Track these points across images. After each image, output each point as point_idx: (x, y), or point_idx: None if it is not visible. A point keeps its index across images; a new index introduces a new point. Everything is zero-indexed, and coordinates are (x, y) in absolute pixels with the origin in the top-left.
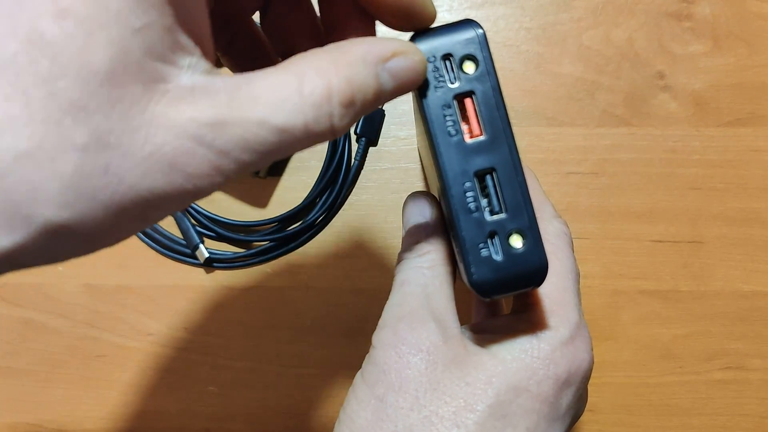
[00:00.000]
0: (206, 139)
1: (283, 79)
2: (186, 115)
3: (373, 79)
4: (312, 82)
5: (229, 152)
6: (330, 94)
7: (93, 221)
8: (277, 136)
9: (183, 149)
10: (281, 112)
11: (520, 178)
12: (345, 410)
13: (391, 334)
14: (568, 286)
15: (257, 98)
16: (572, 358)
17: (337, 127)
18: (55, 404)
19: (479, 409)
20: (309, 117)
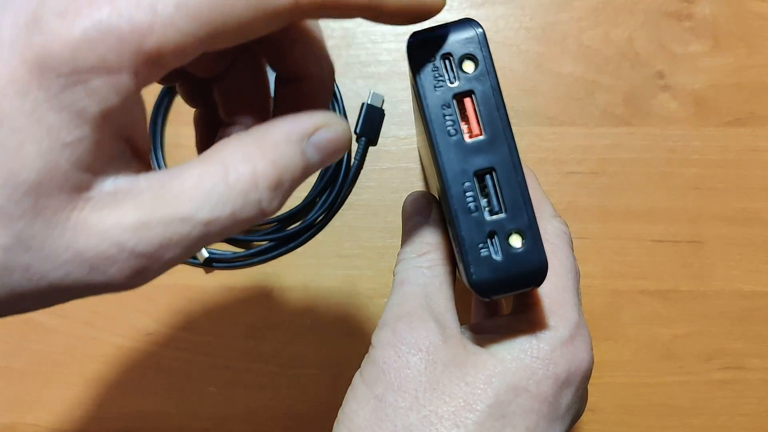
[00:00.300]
0: (128, 245)
1: (208, 170)
2: (108, 221)
3: (298, 157)
4: (237, 170)
5: (152, 254)
6: (256, 180)
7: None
8: (203, 229)
9: (104, 255)
10: (207, 205)
11: (519, 178)
12: (344, 410)
13: (391, 333)
14: (568, 285)
15: (181, 194)
16: (572, 358)
17: (267, 210)
18: (55, 404)
19: (479, 409)
20: (236, 205)
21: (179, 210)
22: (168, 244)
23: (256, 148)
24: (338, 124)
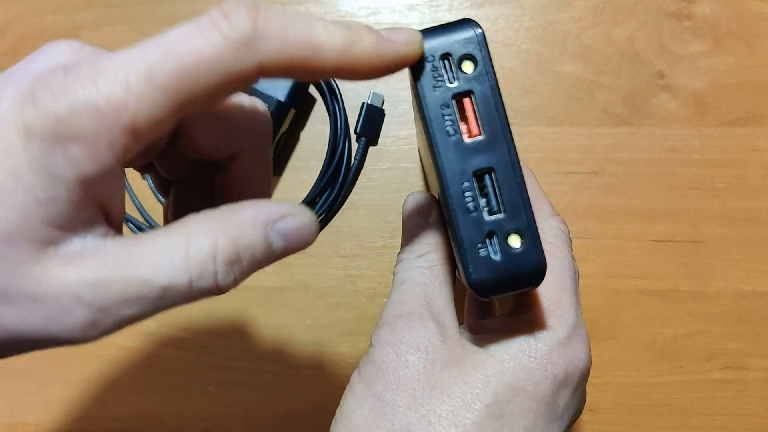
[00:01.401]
0: (85, 298)
1: (171, 240)
2: (70, 276)
3: (261, 240)
4: (198, 242)
5: (108, 309)
6: (214, 254)
7: None
8: (160, 293)
9: (61, 305)
10: (165, 271)
11: (518, 178)
12: (342, 408)
13: (390, 332)
14: (566, 285)
15: (142, 258)
16: (569, 358)
17: (222, 284)
18: (55, 404)
19: (477, 409)
20: (193, 274)
21: (139, 272)
22: (124, 302)
23: (219, 225)
24: (305, 215)
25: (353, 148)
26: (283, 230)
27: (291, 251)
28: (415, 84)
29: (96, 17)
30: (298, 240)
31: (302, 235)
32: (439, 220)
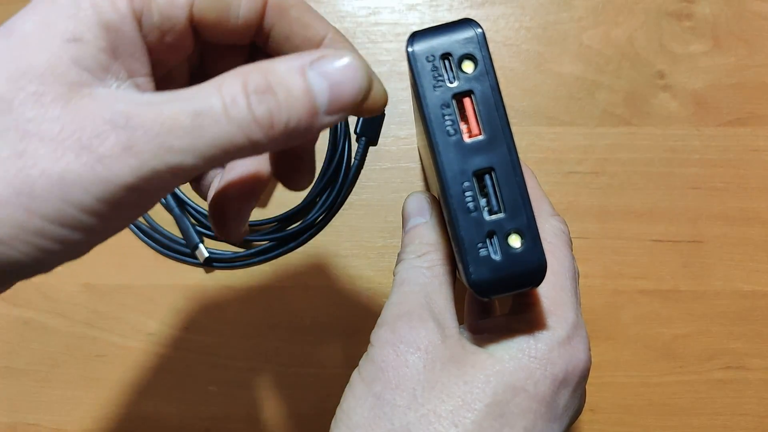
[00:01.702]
0: (119, 122)
1: (203, 85)
2: (103, 106)
3: (298, 79)
4: (228, 79)
5: (141, 135)
6: (245, 83)
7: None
8: (193, 119)
9: (96, 132)
10: (197, 99)
11: (518, 178)
12: (341, 407)
13: (390, 332)
14: (566, 285)
15: (175, 95)
16: (569, 358)
17: (257, 114)
18: (54, 404)
19: (477, 408)
20: (226, 100)
21: (170, 103)
22: (158, 130)
23: (251, 67)
24: (350, 54)
25: (353, 148)
26: (323, 69)
27: (341, 98)
28: (415, 83)
29: None
30: (344, 80)
31: (348, 75)
32: (439, 220)
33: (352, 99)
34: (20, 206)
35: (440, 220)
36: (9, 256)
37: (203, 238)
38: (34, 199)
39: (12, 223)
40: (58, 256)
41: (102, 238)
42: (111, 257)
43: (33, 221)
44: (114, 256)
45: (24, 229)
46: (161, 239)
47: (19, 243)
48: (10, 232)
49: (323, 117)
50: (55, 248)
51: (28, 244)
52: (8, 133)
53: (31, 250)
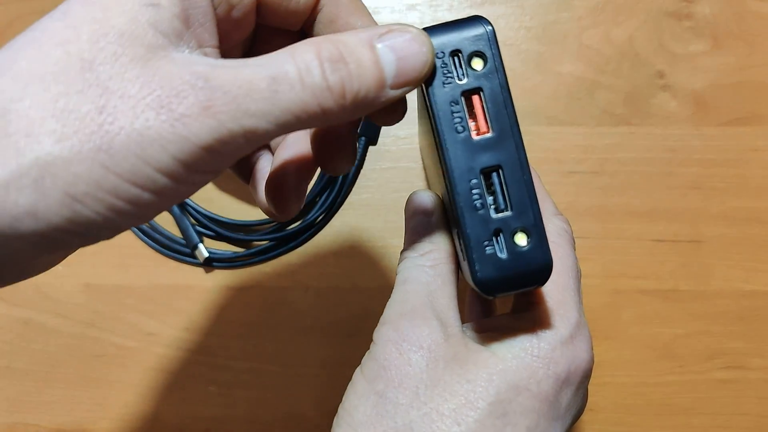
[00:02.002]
0: (198, 84)
1: (275, 53)
2: (182, 67)
3: (367, 50)
4: (301, 48)
5: (220, 96)
6: (319, 52)
7: (81, 163)
8: (269, 82)
9: (175, 91)
10: (272, 65)
11: (526, 177)
12: (344, 405)
13: (393, 330)
14: (569, 284)
15: (249, 61)
16: (572, 358)
17: (331, 83)
18: (54, 404)
19: (480, 407)
20: (301, 66)
21: (245, 67)
22: (237, 92)
23: (322, 38)
24: (415, 29)
25: None
26: (391, 42)
27: (407, 71)
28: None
29: None
30: (411, 53)
31: (414, 49)
32: (443, 218)
33: (417, 72)
34: (98, 162)
35: (443, 218)
36: (81, 215)
37: (203, 237)
38: (112, 156)
39: (88, 180)
40: (127, 218)
41: (167, 205)
42: (111, 257)
43: (109, 179)
44: (114, 256)
45: (100, 187)
46: (161, 239)
47: (93, 201)
48: (86, 189)
49: (389, 90)
50: (126, 209)
51: (101, 202)
52: (89, 89)
53: (103, 209)
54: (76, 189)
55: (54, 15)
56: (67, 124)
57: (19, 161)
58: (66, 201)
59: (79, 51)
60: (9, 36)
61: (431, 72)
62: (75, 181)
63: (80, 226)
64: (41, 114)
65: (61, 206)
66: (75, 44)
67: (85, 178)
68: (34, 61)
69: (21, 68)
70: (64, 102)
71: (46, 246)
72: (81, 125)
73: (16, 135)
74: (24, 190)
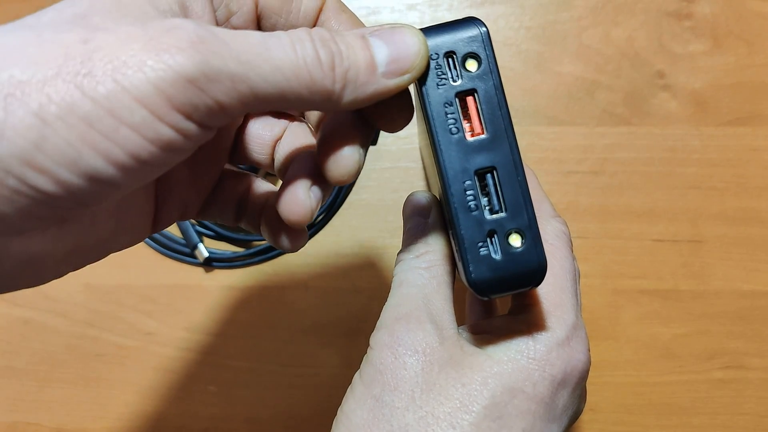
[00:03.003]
0: (190, 26)
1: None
2: (174, 19)
3: (358, 39)
4: (293, 31)
5: (211, 38)
6: (310, 32)
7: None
8: (261, 38)
9: (165, 29)
10: (266, 33)
11: (520, 178)
12: (342, 409)
13: (388, 335)
14: (566, 286)
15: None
16: (568, 359)
17: (322, 55)
18: (54, 403)
19: (475, 410)
20: (293, 37)
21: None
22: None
23: (314, 29)
24: (407, 26)
25: None
26: (382, 34)
27: (399, 57)
28: (417, 81)
29: None
30: (402, 42)
31: (406, 39)
32: (440, 220)
33: (410, 61)
34: (74, 84)
35: (440, 220)
36: (50, 141)
37: (203, 237)
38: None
39: (60, 102)
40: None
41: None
42: (111, 257)
43: (84, 104)
44: (114, 256)
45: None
46: (161, 239)
47: (64, 127)
48: (57, 112)
49: (381, 78)
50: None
51: (73, 129)
52: (77, 28)
53: (75, 138)
54: (47, 110)
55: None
56: (49, 50)
57: (19, 111)
58: (35, 123)
59: (74, 9)
60: None
61: (426, 65)
62: (47, 102)
63: (49, 157)
64: (23, 43)
65: (28, 128)
66: (70, 6)
67: (57, 100)
68: (29, 20)
69: (14, 25)
70: (49, 35)
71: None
72: (63, 51)
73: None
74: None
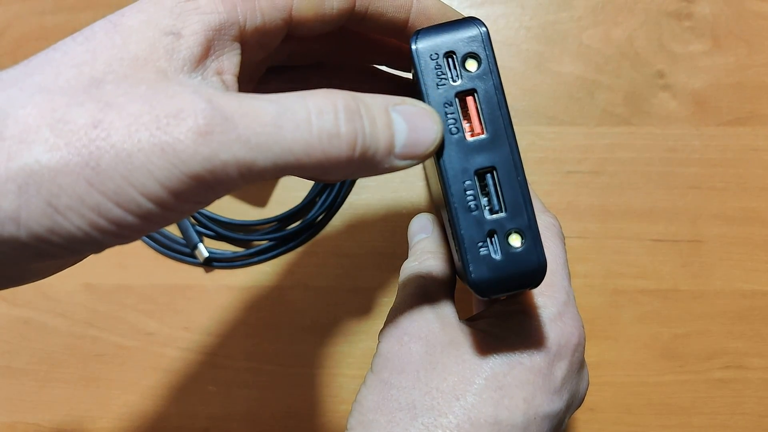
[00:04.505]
0: (200, 105)
1: (288, 93)
2: (188, 89)
3: (382, 110)
4: (318, 92)
5: (220, 123)
6: (335, 100)
7: (67, 175)
8: (273, 117)
9: (175, 111)
10: (282, 101)
11: (520, 178)
12: (356, 398)
13: (394, 327)
14: (557, 270)
15: (261, 95)
16: (561, 333)
17: (343, 131)
18: (54, 404)
19: (477, 383)
20: (312, 109)
21: (255, 100)
22: (240, 115)
23: (337, 91)
24: (427, 108)
25: None
26: (404, 110)
27: (416, 142)
28: (418, 81)
29: (96, 18)
30: (422, 126)
31: (425, 123)
32: (441, 233)
33: (425, 147)
34: (83, 178)
35: (442, 234)
36: (62, 227)
37: (203, 237)
38: (98, 173)
39: (71, 193)
40: (109, 237)
41: (152, 228)
42: (111, 257)
43: (93, 196)
44: (114, 256)
45: (82, 202)
46: (161, 239)
47: (74, 215)
48: (68, 203)
49: (393, 158)
50: (108, 228)
51: (82, 218)
52: (90, 103)
53: (84, 225)
54: (58, 201)
55: (76, 38)
56: (60, 134)
57: (8, 165)
58: (48, 211)
59: (92, 71)
60: (9, 36)
61: (437, 151)
62: (58, 192)
63: (61, 238)
64: (38, 122)
65: (42, 215)
66: (90, 65)
67: (69, 192)
68: (47, 76)
69: (33, 81)
70: (62, 113)
71: (30, 254)
72: (73, 137)
73: (10, 140)
74: (8, 195)
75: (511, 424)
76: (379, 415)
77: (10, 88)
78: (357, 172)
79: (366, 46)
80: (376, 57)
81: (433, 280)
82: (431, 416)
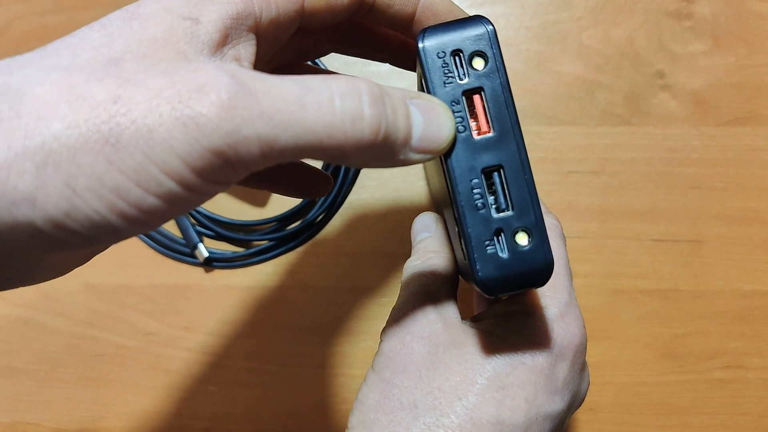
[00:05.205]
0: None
1: (310, 75)
2: (210, 66)
3: (401, 101)
4: (342, 76)
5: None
6: (359, 84)
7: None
8: (296, 95)
9: (197, 85)
10: (306, 81)
11: (527, 176)
12: (357, 397)
13: (396, 327)
14: (558, 270)
15: (284, 76)
16: (563, 333)
17: (368, 114)
18: (54, 403)
19: (479, 383)
20: (335, 91)
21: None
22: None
23: (360, 78)
24: (441, 103)
25: None
26: (420, 104)
27: (431, 136)
28: (425, 79)
29: (96, 17)
30: (436, 121)
31: (440, 118)
32: (444, 232)
33: (439, 142)
34: (103, 156)
35: (445, 233)
36: (80, 210)
37: (203, 237)
38: (118, 150)
39: (90, 173)
40: (127, 222)
41: (171, 213)
42: (111, 257)
43: (112, 176)
44: (114, 256)
45: (102, 183)
46: (161, 239)
47: (93, 198)
48: (87, 183)
49: (409, 151)
50: (127, 212)
51: (101, 200)
52: (109, 79)
53: (103, 208)
54: (77, 182)
55: (93, 26)
56: (79, 111)
57: (25, 143)
58: (66, 192)
59: (110, 51)
60: (9, 36)
61: (449, 148)
62: (77, 172)
63: (78, 223)
64: (56, 99)
65: (59, 197)
66: (108, 47)
67: (88, 171)
68: (64, 57)
69: (50, 62)
70: (81, 89)
71: (44, 242)
72: (93, 113)
73: (27, 117)
74: (25, 174)
75: (513, 424)
76: (380, 414)
77: (26, 68)
78: (374, 159)
79: (371, 43)
80: (381, 54)
81: (436, 279)
82: (433, 416)
